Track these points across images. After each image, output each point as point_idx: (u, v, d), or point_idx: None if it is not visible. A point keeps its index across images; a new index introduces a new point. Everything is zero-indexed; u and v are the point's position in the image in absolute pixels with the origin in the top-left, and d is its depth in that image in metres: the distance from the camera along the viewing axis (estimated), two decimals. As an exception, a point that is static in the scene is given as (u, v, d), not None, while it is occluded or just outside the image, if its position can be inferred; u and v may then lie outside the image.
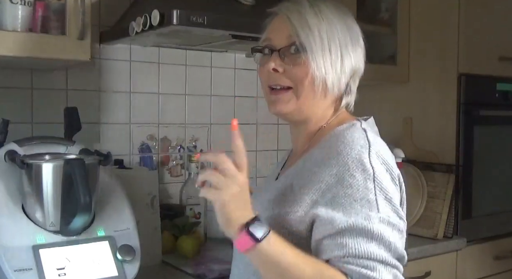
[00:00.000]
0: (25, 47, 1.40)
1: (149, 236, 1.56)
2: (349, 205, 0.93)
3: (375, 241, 0.90)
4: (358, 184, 0.94)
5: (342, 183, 0.95)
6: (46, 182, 1.27)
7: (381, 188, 0.94)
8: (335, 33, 1.05)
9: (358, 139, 0.99)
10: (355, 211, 0.92)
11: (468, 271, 2.09)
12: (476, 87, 2.11)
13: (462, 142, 2.07)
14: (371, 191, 0.93)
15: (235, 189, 0.89)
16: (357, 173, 0.94)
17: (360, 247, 0.89)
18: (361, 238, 0.90)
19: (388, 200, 0.94)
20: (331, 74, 1.05)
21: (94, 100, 1.86)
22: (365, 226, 0.90)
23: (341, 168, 0.96)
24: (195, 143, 2.09)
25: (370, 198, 0.93)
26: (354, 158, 0.96)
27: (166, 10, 1.48)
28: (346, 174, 0.95)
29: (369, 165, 0.95)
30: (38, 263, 1.21)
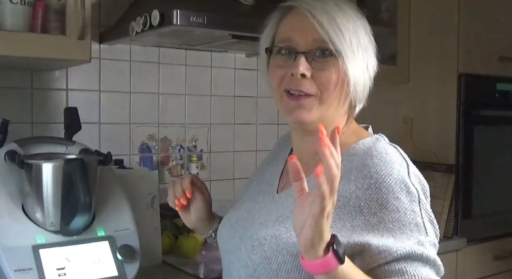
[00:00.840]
0: (25, 47, 1.40)
1: (149, 236, 1.56)
2: (399, 230, 0.88)
3: (429, 265, 0.88)
4: (405, 207, 0.89)
5: (387, 207, 0.89)
6: (46, 182, 1.27)
7: (425, 210, 0.92)
8: (359, 35, 0.99)
9: (395, 157, 0.94)
10: (407, 237, 0.88)
11: (468, 271, 2.09)
12: (476, 87, 2.11)
13: (462, 142, 2.07)
14: (418, 215, 0.90)
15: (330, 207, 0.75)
16: (402, 195, 0.90)
17: (420, 273, 0.86)
18: (417, 264, 0.87)
19: (431, 222, 0.93)
20: (362, 79, 0.99)
21: (94, 100, 1.86)
22: (422, 252, 0.87)
23: (384, 189, 0.90)
24: (195, 143, 2.09)
25: (418, 221, 0.90)
26: (397, 179, 0.91)
27: (166, 10, 1.48)
28: (391, 196, 0.89)
29: (412, 187, 0.91)
30: (38, 263, 1.21)
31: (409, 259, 0.87)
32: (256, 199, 1.10)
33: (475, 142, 2.10)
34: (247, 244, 1.00)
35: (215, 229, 1.20)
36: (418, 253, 0.87)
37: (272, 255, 0.93)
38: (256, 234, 0.99)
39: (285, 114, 1.00)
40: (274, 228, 0.97)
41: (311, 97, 0.97)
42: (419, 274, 0.86)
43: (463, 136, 2.08)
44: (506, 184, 2.23)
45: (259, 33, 1.08)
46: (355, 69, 0.98)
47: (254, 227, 1.01)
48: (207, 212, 1.18)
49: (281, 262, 0.92)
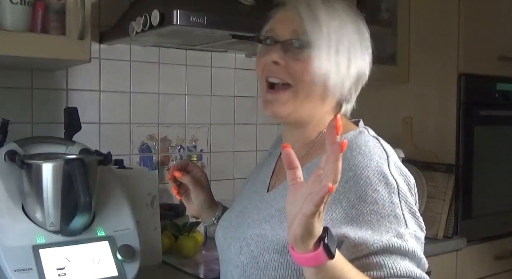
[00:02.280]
0: (25, 47, 1.40)
1: (149, 236, 1.55)
2: (377, 222, 0.87)
3: (409, 258, 0.87)
4: (384, 199, 0.89)
5: (365, 199, 0.88)
6: (46, 182, 1.27)
7: (406, 201, 0.91)
8: (344, 34, 1.00)
9: (374, 149, 0.94)
10: (385, 229, 0.87)
11: (468, 271, 2.09)
12: (476, 87, 2.11)
13: (462, 142, 2.07)
14: (397, 206, 0.89)
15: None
16: (380, 187, 0.89)
17: (399, 266, 0.85)
18: (396, 256, 0.86)
19: (412, 214, 0.91)
20: (334, 74, 0.98)
21: (94, 100, 1.86)
22: (400, 245, 0.86)
23: (362, 182, 0.90)
24: (195, 143, 2.09)
25: (397, 213, 0.89)
26: (375, 170, 0.90)
27: (166, 10, 1.48)
28: (369, 188, 0.89)
29: (391, 178, 0.90)
30: (38, 263, 1.21)
31: (387, 252, 0.86)
32: (249, 199, 1.12)
33: (475, 142, 2.10)
34: (235, 244, 1.02)
35: (217, 216, 1.23)
36: (396, 246, 0.86)
37: (259, 254, 0.94)
38: (243, 234, 1.01)
39: (263, 106, 1.02)
40: (260, 228, 0.98)
41: (288, 90, 0.98)
42: (397, 267, 0.85)
43: (463, 136, 2.08)
44: (506, 184, 2.23)
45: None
46: (329, 64, 0.98)
47: (243, 228, 1.04)
48: (207, 198, 1.23)
49: (268, 260, 0.93)
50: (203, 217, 1.27)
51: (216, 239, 1.15)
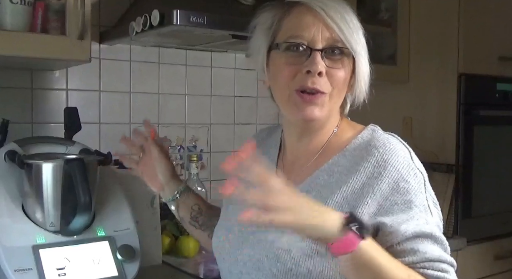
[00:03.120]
0: (25, 47, 1.40)
1: (149, 236, 1.55)
2: (410, 210, 0.92)
3: (439, 244, 0.94)
4: (415, 189, 0.94)
5: (398, 191, 0.93)
6: (46, 182, 1.27)
7: (430, 192, 0.97)
8: (361, 35, 1.00)
9: (397, 145, 0.99)
10: (416, 217, 0.92)
11: (468, 271, 2.09)
12: (476, 87, 2.11)
13: (462, 142, 2.07)
14: (424, 196, 0.95)
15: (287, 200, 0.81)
16: (410, 178, 0.94)
17: (432, 251, 0.91)
18: (427, 242, 0.91)
19: (435, 205, 0.97)
20: (367, 77, 1.04)
21: (94, 100, 1.85)
22: (430, 232, 0.92)
23: (394, 175, 0.94)
24: (195, 143, 2.09)
25: (425, 203, 0.94)
26: (404, 164, 0.95)
27: (166, 10, 1.48)
28: (401, 180, 0.94)
29: (418, 170, 0.96)
30: (38, 263, 1.21)
31: (420, 237, 0.91)
32: None
33: (475, 142, 2.10)
34: (269, 253, 0.96)
35: (180, 190, 1.22)
36: (427, 232, 0.92)
37: (302, 260, 0.93)
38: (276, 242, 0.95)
39: (294, 111, 1.00)
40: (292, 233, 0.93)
41: (324, 94, 0.98)
42: (430, 251, 0.91)
43: (463, 136, 2.08)
44: (506, 184, 2.23)
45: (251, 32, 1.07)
46: (365, 67, 1.02)
47: (266, 234, 0.97)
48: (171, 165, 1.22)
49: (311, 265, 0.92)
50: (165, 191, 1.23)
51: (223, 251, 1.08)
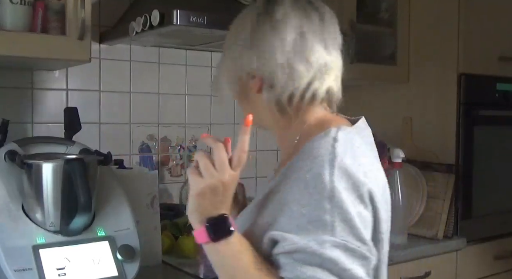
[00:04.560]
0: (25, 47, 1.40)
1: (149, 236, 1.55)
2: (304, 225, 0.86)
3: (326, 268, 0.84)
4: (315, 203, 0.86)
5: (299, 201, 0.87)
6: (46, 182, 1.27)
7: (340, 208, 0.86)
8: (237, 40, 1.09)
9: (323, 152, 0.90)
10: (308, 233, 0.85)
11: (468, 271, 2.09)
12: (476, 87, 2.11)
13: (462, 142, 2.07)
14: (328, 212, 0.85)
15: (216, 183, 0.87)
16: (314, 191, 0.87)
17: (305, 270, 0.84)
18: (310, 262, 0.84)
19: (347, 222, 0.86)
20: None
21: (94, 100, 1.86)
22: (316, 251, 0.84)
23: (301, 184, 0.88)
24: (195, 143, 2.09)
25: (325, 219, 0.85)
26: (315, 173, 0.87)
27: (166, 10, 1.48)
28: (305, 192, 0.87)
29: (328, 182, 0.86)
30: (38, 263, 1.21)
31: (303, 255, 0.85)
32: None
33: (475, 142, 2.10)
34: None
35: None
36: (311, 250, 0.84)
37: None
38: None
39: None
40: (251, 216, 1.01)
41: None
42: (302, 271, 0.84)
43: (463, 136, 2.07)
44: (506, 184, 2.23)
45: None
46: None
47: None
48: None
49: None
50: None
51: None
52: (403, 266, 1.85)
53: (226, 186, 0.88)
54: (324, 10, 1.02)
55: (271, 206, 0.94)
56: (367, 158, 0.95)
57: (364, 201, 0.89)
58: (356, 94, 2.40)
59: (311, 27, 0.98)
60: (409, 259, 1.86)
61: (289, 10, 0.99)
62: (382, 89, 2.30)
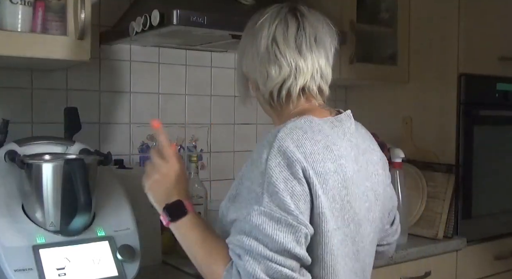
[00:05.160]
0: (25, 47, 1.40)
1: (149, 236, 1.55)
2: (245, 196, 1.02)
3: (252, 233, 0.97)
4: (253, 178, 1.01)
5: (245, 174, 1.04)
6: (46, 182, 1.27)
7: (269, 182, 0.98)
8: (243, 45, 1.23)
9: (269, 137, 1.03)
10: (246, 203, 1.00)
11: (468, 271, 2.09)
12: (476, 87, 2.11)
13: (462, 142, 2.07)
14: (260, 186, 0.99)
15: (156, 177, 1.14)
16: (255, 168, 1.02)
17: (238, 236, 0.99)
18: (242, 229, 0.99)
19: (273, 194, 0.97)
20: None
21: (94, 100, 1.86)
22: (245, 218, 0.98)
23: (249, 162, 1.05)
24: (195, 143, 2.09)
25: (257, 191, 0.99)
26: (258, 152, 1.03)
27: (166, 10, 1.48)
28: (250, 168, 1.03)
29: (264, 160, 1.00)
30: (38, 263, 1.21)
31: (237, 223, 1.01)
32: None
33: (475, 142, 2.10)
34: None
35: None
36: (241, 218, 1.00)
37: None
38: None
39: None
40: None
41: None
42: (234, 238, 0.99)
43: (463, 136, 2.07)
44: (506, 184, 2.23)
45: None
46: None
47: None
48: None
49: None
50: None
51: None
52: (403, 266, 1.85)
53: (165, 176, 1.13)
54: (305, 18, 1.13)
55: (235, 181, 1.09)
56: (317, 145, 1.04)
57: (298, 177, 0.99)
58: (356, 94, 2.41)
59: (284, 34, 1.11)
60: (409, 259, 1.86)
61: (267, 19, 1.13)
62: (382, 89, 2.30)
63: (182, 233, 1.11)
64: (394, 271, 1.83)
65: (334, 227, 1.03)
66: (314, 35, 1.12)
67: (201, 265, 1.07)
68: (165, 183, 1.13)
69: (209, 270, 1.05)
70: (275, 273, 0.95)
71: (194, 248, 1.09)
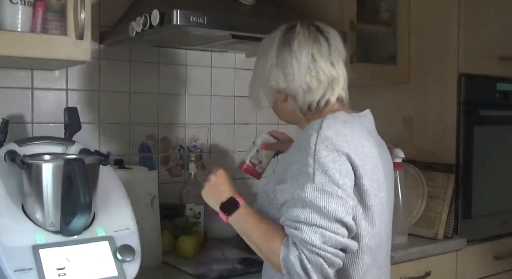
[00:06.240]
0: (25, 47, 1.40)
1: (149, 236, 1.56)
2: (295, 178, 1.15)
3: (307, 207, 1.10)
4: (302, 160, 1.14)
5: (292, 160, 1.18)
6: (46, 182, 1.27)
7: (319, 163, 1.12)
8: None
9: (313, 125, 1.18)
10: (297, 183, 1.13)
11: (468, 271, 2.09)
12: (476, 87, 2.11)
13: (462, 142, 2.07)
14: (311, 166, 1.12)
15: (208, 184, 1.32)
16: (303, 151, 1.15)
17: (293, 212, 1.11)
18: (295, 205, 1.12)
19: (324, 172, 1.11)
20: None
21: (94, 100, 1.86)
22: (299, 195, 1.11)
23: (294, 148, 1.19)
24: (195, 143, 2.09)
25: (309, 171, 1.12)
26: (304, 140, 1.16)
27: (166, 10, 1.48)
28: (296, 152, 1.17)
29: (313, 145, 1.14)
30: (38, 263, 1.21)
31: (292, 201, 1.13)
32: None
33: (475, 142, 2.10)
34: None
35: None
36: (296, 196, 1.12)
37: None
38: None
39: None
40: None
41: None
42: (292, 213, 1.12)
43: (463, 136, 2.07)
44: (506, 184, 2.23)
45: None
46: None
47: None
48: None
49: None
50: None
51: None
52: (403, 266, 1.85)
53: (216, 182, 1.31)
54: (330, 34, 1.29)
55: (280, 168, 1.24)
56: (354, 133, 1.20)
57: (343, 159, 1.14)
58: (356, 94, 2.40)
59: (320, 51, 1.26)
60: (409, 259, 1.86)
61: (302, 40, 1.26)
62: (382, 89, 2.30)
63: (239, 225, 1.24)
64: (394, 271, 1.82)
65: (373, 204, 1.19)
66: (337, 49, 1.29)
67: (261, 249, 1.18)
68: (215, 187, 1.30)
69: (268, 250, 1.15)
70: (329, 240, 1.08)
71: (252, 234, 1.20)
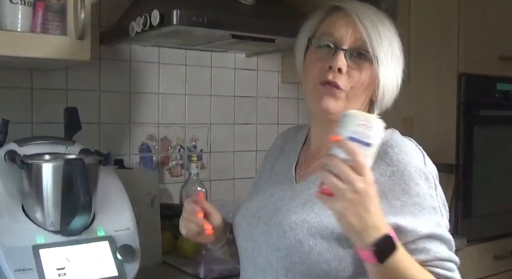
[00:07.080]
0: (25, 47, 1.40)
1: (149, 236, 1.56)
2: (420, 213, 0.98)
3: (447, 245, 1.00)
4: (424, 192, 1.00)
5: (409, 192, 0.99)
6: (46, 182, 1.27)
7: (440, 195, 1.03)
8: (394, 46, 1.11)
9: (413, 149, 1.07)
10: (426, 219, 0.98)
11: (468, 271, 2.08)
12: (476, 87, 2.11)
13: (462, 142, 2.07)
14: (435, 199, 1.01)
15: (352, 196, 0.85)
16: (421, 182, 1.00)
17: (442, 251, 0.98)
18: (438, 243, 0.98)
19: (445, 206, 1.04)
20: (391, 86, 1.14)
21: (94, 100, 1.86)
22: (440, 233, 0.99)
23: (406, 177, 1.00)
24: (195, 143, 2.09)
25: (435, 205, 1.01)
26: (416, 167, 1.01)
27: (166, 10, 1.48)
28: (412, 183, 0.99)
29: (429, 174, 1.02)
30: (38, 263, 1.21)
31: (431, 238, 0.98)
32: (273, 190, 1.15)
33: (475, 142, 2.10)
34: (278, 229, 1.04)
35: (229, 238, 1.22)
36: (438, 233, 0.99)
37: (304, 239, 1.00)
38: (286, 219, 1.04)
39: (314, 102, 1.07)
40: (303, 213, 1.03)
41: (342, 90, 1.05)
42: (440, 251, 0.98)
43: (463, 136, 2.07)
44: (506, 184, 2.23)
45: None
46: (386, 76, 1.10)
47: (282, 214, 1.06)
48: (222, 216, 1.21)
49: (313, 245, 0.99)
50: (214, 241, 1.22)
51: (239, 228, 1.16)
52: (403, 266, 1.85)
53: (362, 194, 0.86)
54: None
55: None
56: None
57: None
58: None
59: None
60: (409, 259, 1.86)
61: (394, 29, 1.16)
62: (382, 89, 2.29)
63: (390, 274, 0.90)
64: (394, 271, 1.83)
65: None
66: None
67: None
68: (363, 205, 0.86)
69: None
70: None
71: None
